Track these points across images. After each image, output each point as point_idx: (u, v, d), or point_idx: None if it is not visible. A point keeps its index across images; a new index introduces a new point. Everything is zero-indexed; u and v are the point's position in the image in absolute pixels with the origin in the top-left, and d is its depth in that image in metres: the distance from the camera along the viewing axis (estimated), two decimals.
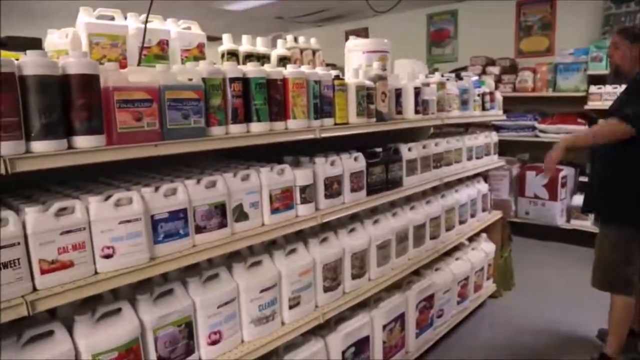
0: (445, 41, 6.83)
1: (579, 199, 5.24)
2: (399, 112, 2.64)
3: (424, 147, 2.85)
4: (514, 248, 4.27)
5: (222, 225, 1.71)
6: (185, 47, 2.05)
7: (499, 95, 3.68)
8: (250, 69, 1.79)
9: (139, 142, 1.43)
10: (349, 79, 2.29)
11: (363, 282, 2.42)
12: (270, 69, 1.90)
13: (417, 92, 2.66)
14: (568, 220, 5.31)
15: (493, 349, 3.21)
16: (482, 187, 3.62)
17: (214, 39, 2.26)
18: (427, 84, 2.84)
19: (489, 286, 3.80)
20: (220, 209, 1.70)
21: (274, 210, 1.91)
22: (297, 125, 1.97)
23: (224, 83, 1.70)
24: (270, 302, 1.92)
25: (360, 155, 2.35)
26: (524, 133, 5.62)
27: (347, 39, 2.86)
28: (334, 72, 2.24)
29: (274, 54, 2.53)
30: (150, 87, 1.46)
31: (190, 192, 1.61)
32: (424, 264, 2.92)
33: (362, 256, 2.40)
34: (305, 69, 2.08)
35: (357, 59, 2.60)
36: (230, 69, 1.72)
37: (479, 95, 3.34)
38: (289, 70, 1.97)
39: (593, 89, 5.04)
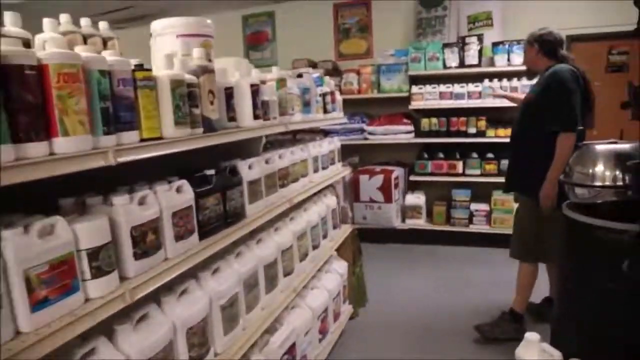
0: (263, 44, 6.28)
1: (411, 199, 5.13)
2: (232, 118, 1.92)
3: (267, 162, 2.17)
4: None
5: None
6: None
7: (339, 96, 3.19)
8: None
9: None
10: (160, 70, 1.50)
11: None
12: (6, 47, 1.02)
13: (255, 90, 1.96)
14: (403, 221, 5.17)
15: None
16: (331, 201, 3.09)
17: None
18: (264, 81, 2.17)
19: (347, 310, 3.29)
20: None
21: (39, 304, 1.04)
22: (73, 147, 1.12)
23: None
24: None
25: (184, 183, 1.57)
26: (354, 136, 5.35)
27: None
28: (134, 60, 1.42)
29: (40, 39, 1.60)
30: None
31: None
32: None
33: (202, 327, 1.62)
34: (82, 50, 1.24)
35: (168, 46, 1.81)
36: None
37: (320, 95, 2.79)
38: (51, 51, 1.11)
39: (415, 89, 4.96)
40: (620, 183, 2.27)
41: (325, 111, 2.87)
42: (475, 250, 4.82)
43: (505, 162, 4.77)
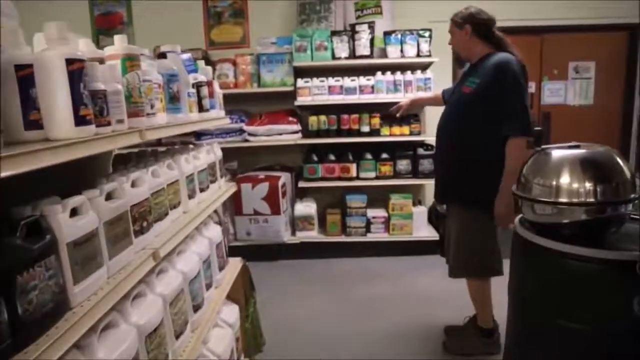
0: (117, 28, 5.05)
1: (301, 208, 4.40)
2: (33, 124, 0.99)
3: (109, 196, 1.25)
4: None
5: None
6: None
7: (217, 87, 2.31)
8: None
9: None
10: None
11: None
12: None
13: (77, 72, 1.03)
14: (293, 233, 4.42)
15: None
16: (214, 232, 2.20)
17: None
18: (101, 60, 1.24)
19: None
20: None
21: None
22: None
23: None
24: None
25: None
26: (231, 138, 4.45)
27: None
28: None
29: None
30: None
31: None
32: None
33: None
34: None
35: None
36: None
37: (193, 85, 1.89)
38: None
39: (300, 82, 4.23)
40: (591, 199, 1.76)
41: (201, 108, 1.98)
42: (375, 261, 4.26)
43: (403, 163, 4.31)
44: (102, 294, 1.12)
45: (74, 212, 1.07)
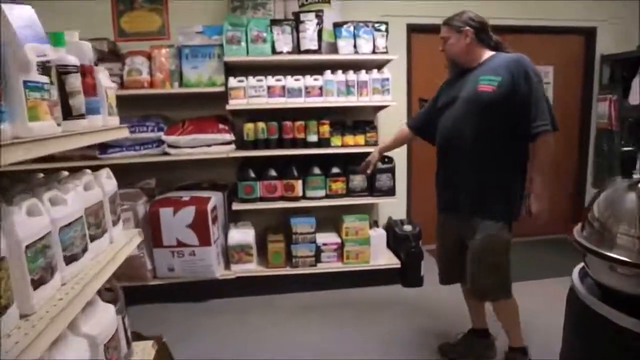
0: None
1: (236, 235, 3.51)
2: None
3: None
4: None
5: None
6: None
7: (107, 80, 1.39)
8: None
9: None
10: None
11: None
12: None
13: None
14: (228, 267, 3.50)
15: None
16: (103, 322, 1.29)
17: None
18: None
19: None
20: None
21: None
22: None
23: None
24: None
25: None
26: (147, 150, 3.45)
27: None
28: None
29: None
30: None
31: None
32: None
33: None
34: None
35: None
36: None
37: (43, 68, 0.98)
38: None
39: (233, 82, 3.33)
40: None
41: (69, 113, 1.08)
42: (327, 295, 3.46)
43: (357, 179, 3.57)
44: None
45: None
